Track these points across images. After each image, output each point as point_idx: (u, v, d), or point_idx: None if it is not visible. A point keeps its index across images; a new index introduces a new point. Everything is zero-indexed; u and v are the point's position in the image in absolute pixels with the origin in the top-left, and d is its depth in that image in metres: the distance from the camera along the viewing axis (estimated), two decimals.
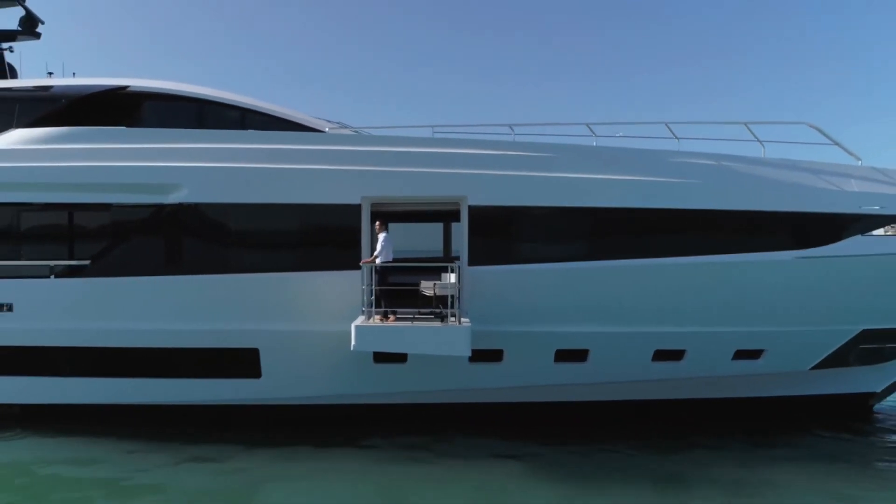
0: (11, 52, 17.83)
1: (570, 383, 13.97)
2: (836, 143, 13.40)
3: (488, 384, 13.85)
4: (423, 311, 12.56)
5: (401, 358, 13.17)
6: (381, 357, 13.14)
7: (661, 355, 13.77)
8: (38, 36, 17.80)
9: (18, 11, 17.68)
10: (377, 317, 12.14)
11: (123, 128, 14.05)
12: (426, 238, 15.73)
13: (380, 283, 12.18)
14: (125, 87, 14.67)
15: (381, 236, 12.46)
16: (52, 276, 13.70)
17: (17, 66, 18.53)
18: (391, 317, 12.19)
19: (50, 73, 16.50)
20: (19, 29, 17.60)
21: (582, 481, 11.02)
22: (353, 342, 11.73)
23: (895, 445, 13.61)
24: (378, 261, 12.24)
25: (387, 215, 13.57)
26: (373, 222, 13.23)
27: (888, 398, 15.95)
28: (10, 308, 13.75)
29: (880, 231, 13.64)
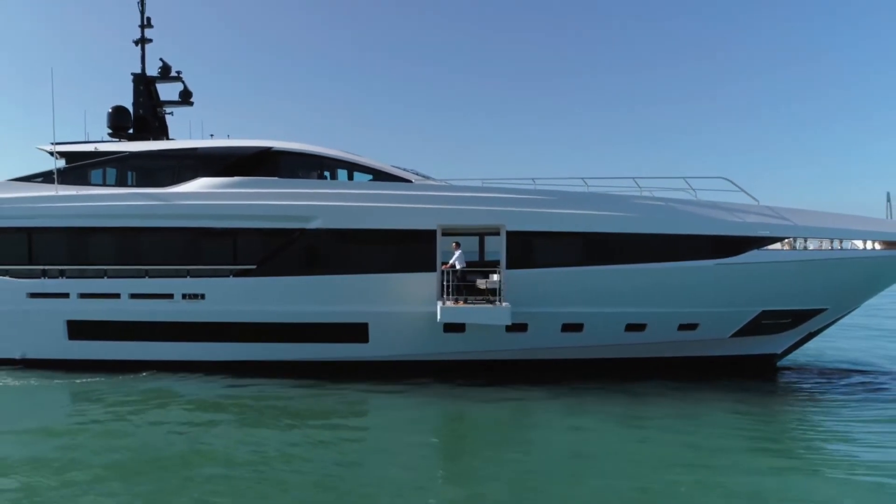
0: (171, 115, 24.89)
1: (571, 346, 21.20)
2: (742, 190, 20.63)
3: (517, 347, 21.05)
4: (477, 298, 19.76)
5: (461, 329, 20.34)
6: (448, 328, 20.30)
7: (630, 328, 20.97)
8: (191, 104, 24.91)
9: (178, 85, 24.75)
10: (451, 301, 19.36)
11: (276, 178, 21.23)
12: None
13: (459, 281, 19.39)
14: (270, 148, 21.84)
15: (458, 252, 19.66)
16: (231, 276, 20.88)
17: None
18: (460, 301, 19.42)
19: (211, 135, 23.54)
20: (179, 99, 24.69)
21: (578, 401, 18.31)
22: (438, 316, 19.00)
23: (784, 386, 20.97)
24: (457, 266, 19.46)
25: (451, 234, 20.71)
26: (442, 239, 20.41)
27: (787, 357, 23.22)
28: (202, 297, 20.96)
29: (777, 245, 20.88)
